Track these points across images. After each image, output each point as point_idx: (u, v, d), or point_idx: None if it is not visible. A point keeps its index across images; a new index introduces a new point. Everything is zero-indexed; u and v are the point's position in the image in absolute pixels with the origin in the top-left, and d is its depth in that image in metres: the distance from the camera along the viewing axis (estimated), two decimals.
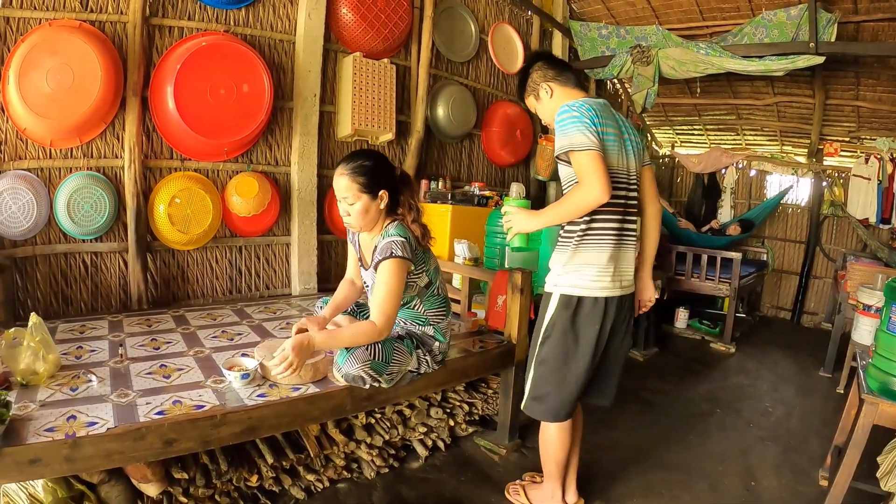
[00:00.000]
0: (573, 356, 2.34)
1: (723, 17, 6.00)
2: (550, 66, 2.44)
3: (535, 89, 2.46)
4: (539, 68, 2.45)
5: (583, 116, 2.13)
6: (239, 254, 4.07)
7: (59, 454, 1.80)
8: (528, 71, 2.49)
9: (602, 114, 2.20)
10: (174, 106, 3.35)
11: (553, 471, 2.59)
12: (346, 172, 2.36)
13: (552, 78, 2.42)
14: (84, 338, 2.87)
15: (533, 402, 2.46)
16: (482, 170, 5.78)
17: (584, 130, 2.10)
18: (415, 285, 2.51)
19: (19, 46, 3.07)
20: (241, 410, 2.12)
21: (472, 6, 5.41)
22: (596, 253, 2.27)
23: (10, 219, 3.12)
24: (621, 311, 2.38)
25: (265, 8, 3.98)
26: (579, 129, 2.11)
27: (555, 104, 2.34)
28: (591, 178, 2.06)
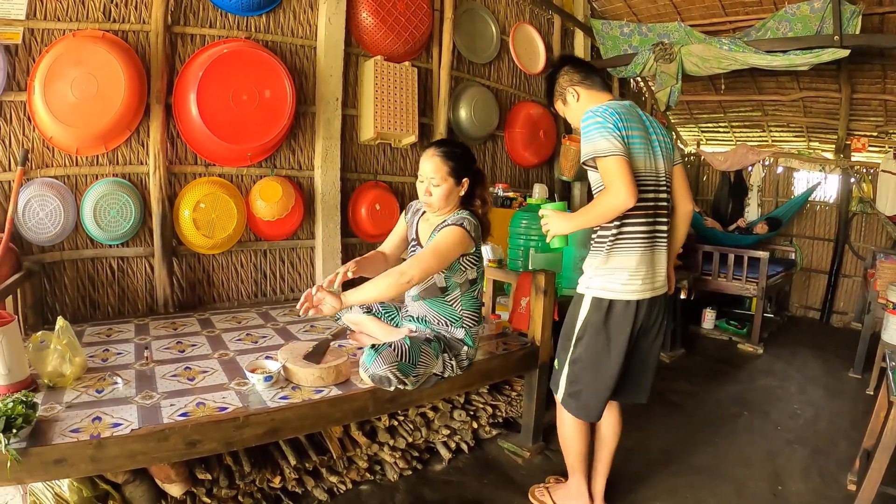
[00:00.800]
0: (605, 357, 2.35)
1: (745, 12, 5.92)
2: (576, 70, 2.45)
3: (562, 94, 2.49)
4: (565, 73, 2.47)
5: (606, 121, 2.15)
6: (263, 257, 4.09)
7: (85, 454, 1.83)
8: (554, 76, 2.51)
9: (626, 116, 2.22)
10: (197, 112, 3.39)
11: (575, 464, 2.59)
12: (438, 154, 2.53)
13: (578, 82, 2.44)
14: (111, 341, 2.92)
15: (569, 399, 2.47)
16: (506, 171, 5.75)
17: (608, 136, 2.12)
18: (464, 273, 2.59)
19: (44, 57, 3.14)
20: (264, 412, 2.13)
21: (493, 7, 5.40)
22: (627, 256, 2.28)
23: (38, 225, 3.18)
24: (653, 312, 2.39)
25: (286, 14, 4.01)
26: (603, 134, 2.13)
27: (582, 108, 2.35)
28: (617, 184, 2.08)
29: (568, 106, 2.49)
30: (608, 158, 2.11)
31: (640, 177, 2.22)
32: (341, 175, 4.27)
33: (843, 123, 6.93)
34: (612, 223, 2.26)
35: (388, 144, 4.65)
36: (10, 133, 3.19)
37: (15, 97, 3.17)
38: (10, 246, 2.98)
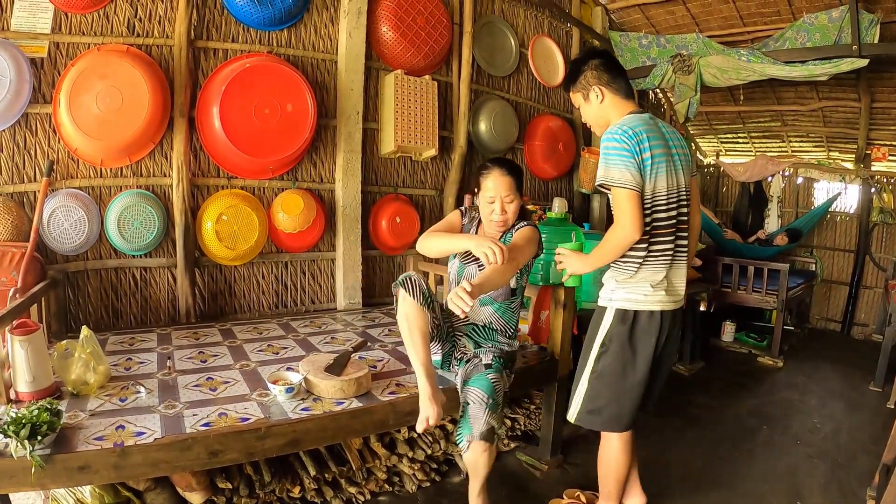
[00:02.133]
0: (631, 369, 2.33)
1: (763, 23, 5.91)
2: (607, 70, 2.36)
3: (585, 89, 2.40)
4: (595, 68, 2.36)
5: (625, 147, 2.15)
6: (285, 269, 4.12)
7: (108, 462, 1.87)
8: (582, 67, 2.40)
9: (649, 134, 2.21)
10: (220, 126, 3.44)
11: (613, 491, 2.54)
12: (508, 174, 2.60)
13: (606, 83, 2.35)
14: (133, 350, 2.96)
15: (589, 416, 2.43)
16: (525, 183, 5.73)
17: (624, 166, 2.14)
18: (526, 276, 2.71)
19: (69, 70, 3.21)
20: (285, 423, 2.15)
21: (512, 20, 5.41)
22: (652, 273, 2.30)
23: (63, 235, 3.25)
24: (675, 324, 2.41)
25: (307, 28, 4.06)
26: (620, 162, 2.15)
27: (602, 111, 2.38)
28: (625, 219, 2.14)
29: (588, 103, 2.42)
30: (621, 190, 2.15)
31: (664, 195, 2.24)
32: (362, 188, 4.29)
33: (862, 133, 6.89)
34: (640, 245, 2.25)
35: (409, 157, 4.67)
36: (36, 144, 3.26)
37: (41, 109, 3.24)
38: (35, 255, 3.05)
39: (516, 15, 5.48)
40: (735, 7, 5.87)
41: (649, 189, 2.22)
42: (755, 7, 5.79)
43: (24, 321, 2.31)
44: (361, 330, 3.56)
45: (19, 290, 2.82)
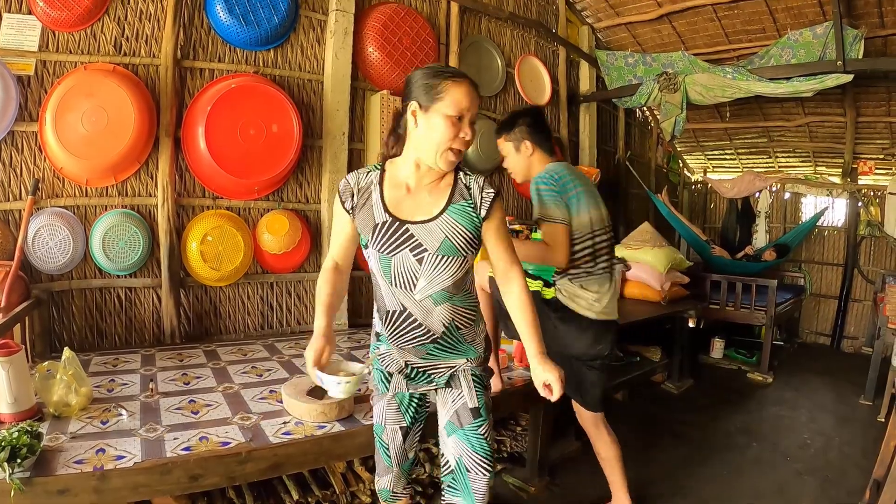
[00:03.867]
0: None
1: (749, 40, 5.98)
2: (539, 130, 2.74)
3: (518, 140, 2.73)
4: (530, 126, 2.72)
5: (554, 189, 2.56)
6: (270, 290, 4.09)
7: (88, 485, 1.85)
8: (520, 120, 2.74)
9: (574, 177, 2.66)
10: (206, 146, 3.44)
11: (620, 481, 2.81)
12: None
13: (537, 142, 2.73)
14: (117, 371, 2.93)
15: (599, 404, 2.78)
16: (512, 203, 5.74)
17: (554, 205, 2.54)
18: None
19: (56, 89, 3.21)
20: (267, 448, 2.14)
21: (498, 40, 5.44)
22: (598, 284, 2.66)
23: (48, 254, 3.23)
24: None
25: (293, 49, 4.07)
26: (551, 203, 2.54)
27: (528, 164, 2.75)
28: (559, 248, 2.55)
29: (518, 154, 2.75)
30: (555, 225, 2.54)
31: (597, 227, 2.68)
32: None
33: (849, 147, 6.97)
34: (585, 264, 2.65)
35: None
36: (22, 162, 3.25)
37: (27, 127, 3.23)
38: (19, 274, 3.02)
39: (503, 35, 5.52)
40: (720, 25, 5.93)
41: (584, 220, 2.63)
42: (740, 25, 5.85)
43: (5, 342, 2.28)
44: (346, 352, 3.54)
45: (2, 310, 2.78)
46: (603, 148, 6.90)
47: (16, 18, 3.23)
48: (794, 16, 5.47)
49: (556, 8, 6.07)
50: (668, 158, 8.37)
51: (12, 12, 3.22)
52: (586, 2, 6.28)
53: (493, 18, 5.37)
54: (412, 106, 1.76)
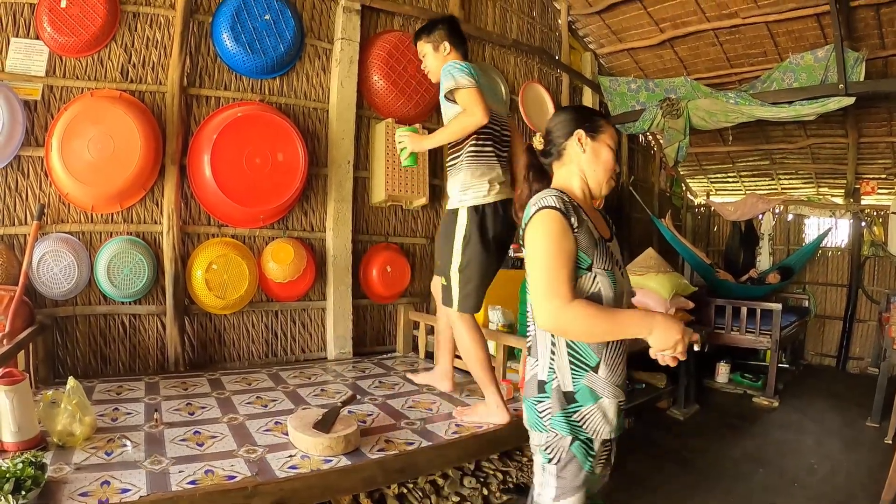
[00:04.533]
0: (488, 254, 2.83)
1: (750, 64, 6.02)
2: (457, 35, 3.01)
3: (439, 41, 2.98)
4: (449, 30, 2.99)
5: (467, 68, 2.77)
6: (275, 318, 4.09)
7: None
8: (441, 25, 3.00)
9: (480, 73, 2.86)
10: (211, 174, 3.46)
11: (487, 376, 2.88)
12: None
13: (455, 44, 2.99)
14: (121, 399, 2.93)
15: (465, 301, 2.83)
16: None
17: (468, 76, 2.73)
18: None
19: (62, 115, 3.25)
20: (273, 482, 2.11)
21: (502, 67, 5.48)
22: (488, 170, 2.87)
23: (52, 280, 3.24)
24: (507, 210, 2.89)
25: (299, 77, 4.11)
26: (464, 74, 2.73)
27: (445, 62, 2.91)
28: (474, 107, 2.69)
29: (437, 53, 2.99)
30: (468, 89, 2.71)
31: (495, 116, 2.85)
32: (353, 236, 4.30)
33: (851, 168, 6.98)
34: (462, 144, 2.85)
35: (400, 206, 4.68)
36: (27, 187, 3.28)
37: (33, 152, 3.27)
38: (24, 299, 3.03)
39: (507, 62, 5.55)
40: (722, 49, 5.97)
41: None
42: (742, 49, 5.89)
43: (9, 370, 2.28)
44: (352, 381, 3.53)
45: (7, 335, 2.79)
46: None
47: (23, 43, 3.27)
48: (795, 39, 5.50)
49: (559, 34, 6.12)
50: (671, 182, 8.38)
51: (20, 37, 3.27)
52: (589, 28, 6.34)
53: (497, 46, 5.42)
54: (578, 133, 1.77)
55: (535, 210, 1.61)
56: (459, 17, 4.87)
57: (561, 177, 1.80)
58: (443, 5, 4.92)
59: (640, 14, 5.84)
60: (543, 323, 1.55)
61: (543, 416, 1.63)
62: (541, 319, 1.55)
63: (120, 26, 3.51)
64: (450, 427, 2.77)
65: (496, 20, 5.44)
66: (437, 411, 3.03)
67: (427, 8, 4.81)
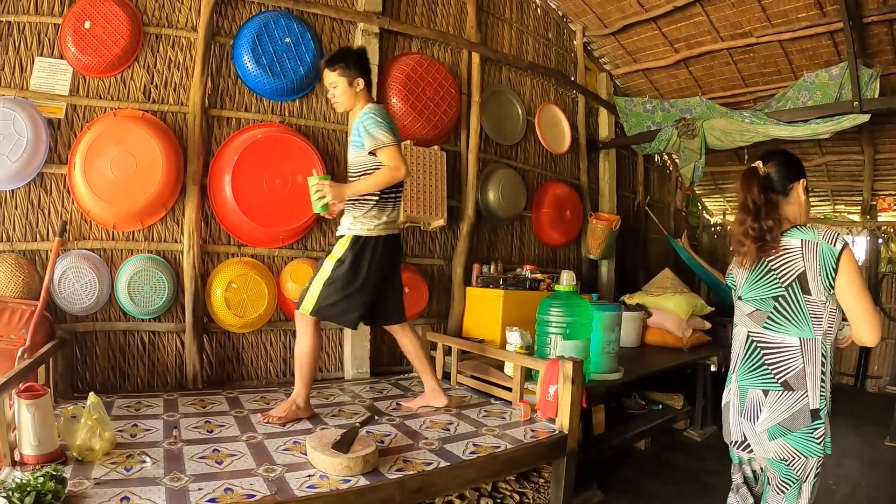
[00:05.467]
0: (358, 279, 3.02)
1: (765, 83, 6.03)
2: (367, 71, 3.15)
3: (353, 76, 3.05)
4: (362, 66, 3.10)
5: (385, 120, 2.99)
6: (293, 337, 4.00)
7: None
8: (355, 57, 3.09)
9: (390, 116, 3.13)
10: (232, 195, 3.52)
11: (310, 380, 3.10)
12: None
13: (367, 81, 3.13)
14: (139, 415, 2.94)
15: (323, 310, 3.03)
16: (533, 251, 5.75)
17: (389, 132, 2.96)
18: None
19: (85, 133, 3.32)
20: (292, 501, 2.11)
21: (519, 89, 5.52)
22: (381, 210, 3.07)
23: (73, 295, 3.29)
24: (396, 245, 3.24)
25: (318, 99, 4.16)
26: (383, 131, 2.94)
27: (356, 99, 3.10)
28: (400, 165, 2.95)
29: (350, 87, 3.06)
30: (391, 147, 2.95)
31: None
32: None
33: (867, 184, 6.95)
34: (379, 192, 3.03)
35: (418, 227, 4.68)
36: (50, 204, 3.34)
37: (56, 170, 3.33)
38: (44, 314, 3.07)
39: (523, 84, 5.59)
40: (736, 69, 5.99)
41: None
42: (756, 67, 5.92)
43: (31, 385, 2.31)
44: (369, 402, 3.53)
45: (28, 349, 2.83)
46: (622, 194, 6.93)
47: (48, 62, 3.35)
48: (808, 57, 5.52)
49: (575, 56, 6.17)
50: (687, 202, 8.37)
51: (45, 56, 3.35)
52: (604, 49, 6.40)
53: (513, 68, 5.47)
54: (804, 181, 2.10)
55: (843, 245, 1.88)
56: (476, 40, 4.97)
57: (792, 213, 2.07)
58: (459, 29, 4.99)
59: (654, 35, 5.90)
60: (876, 337, 1.89)
61: (821, 441, 1.93)
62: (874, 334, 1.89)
63: (143, 47, 3.58)
64: (467, 447, 2.76)
65: (512, 42, 5.50)
66: (454, 431, 3.02)
67: (445, 31, 4.87)
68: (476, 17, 5.00)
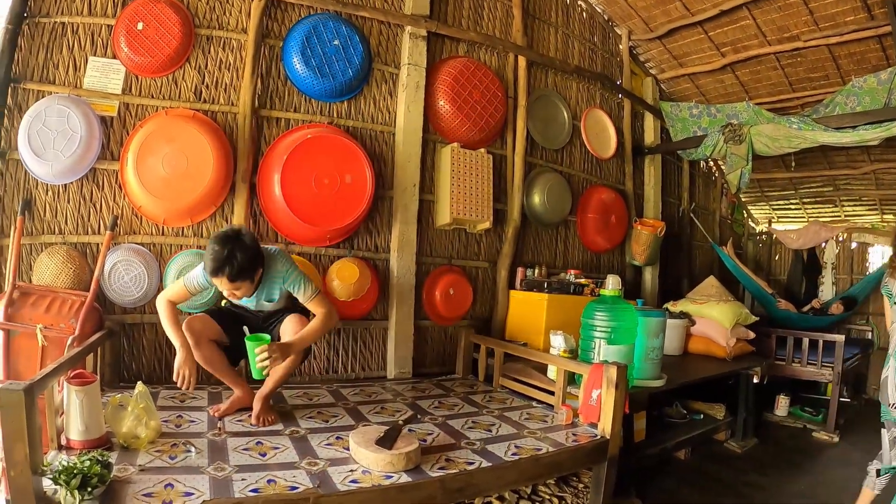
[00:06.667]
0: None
1: (812, 87, 5.93)
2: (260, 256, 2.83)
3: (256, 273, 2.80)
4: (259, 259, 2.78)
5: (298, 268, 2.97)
6: (337, 336, 4.13)
7: None
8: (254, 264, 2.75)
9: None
10: (280, 193, 3.56)
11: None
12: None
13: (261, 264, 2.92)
14: (184, 407, 3.02)
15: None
16: (577, 256, 5.71)
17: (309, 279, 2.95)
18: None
19: (138, 131, 3.41)
20: (334, 495, 2.14)
21: (564, 93, 5.50)
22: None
23: (123, 288, 3.39)
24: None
25: (366, 101, 4.20)
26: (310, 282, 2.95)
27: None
28: (335, 312, 3.00)
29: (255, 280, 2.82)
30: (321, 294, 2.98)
31: None
32: (416, 258, 4.32)
33: None
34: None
35: (464, 230, 4.69)
36: (102, 199, 3.44)
37: (108, 166, 3.44)
38: (94, 305, 3.17)
39: (569, 88, 5.57)
40: (784, 73, 5.90)
41: None
42: (803, 72, 5.82)
43: (80, 371, 2.39)
44: (411, 401, 3.55)
45: (77, 338, 2.92)
46: (667, 200, 6.85)
47: (101, 62, 3.46)
48: (857, 62, 5.41)
49: (621, 60, 6.12)
50: (732, 209, 8.24)
51: (98, 56, 3.46)
52: (650, 53, 6.34)
53: (559, 72, 5.44)
54: None
55: None
56: (522, 43, 4.98)
57: None
58: (506, 32, 4.99)
59: (700, 39, 5.82)
60: None
61: None
62: None
63: (194, 49, 3.67)
64: (509, 448, 2.76)
65: (558, 46, 5.49)
66: (496, 433, 3.02)
67: (491, 34, 4.88)
68: (522, 21, 5.00)
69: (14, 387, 1.84)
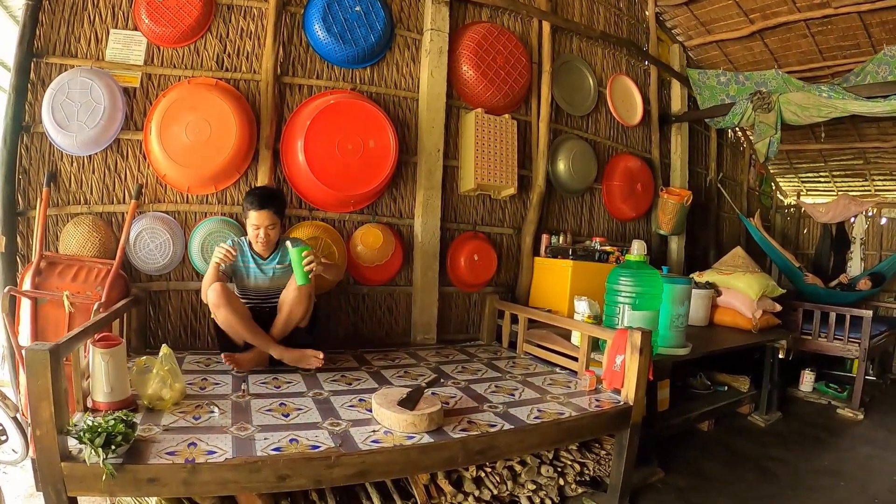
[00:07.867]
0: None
1: (843, 56, 5.79)
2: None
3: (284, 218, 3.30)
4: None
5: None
6: (362, 301, 4.17)
7: (178, 477, 1.93)
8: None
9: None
10: (304, 159, 3.57)
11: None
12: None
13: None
14: (209, 370, 3.07)
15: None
16: (603, 224, 5.66)
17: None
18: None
19: (161, 101, 3.43)
20: (355, 454, 2.17)
21: (590, 59, 5.41)
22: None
23: (148, 255, 3.44)
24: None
25: (389, 67, 4.18)
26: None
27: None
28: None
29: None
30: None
31: None
32: (441, 224, 4.31)
33: None
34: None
35: (488, 196, 4.68)
36: (126, 169, 3.49)
37: (132, 136, 3.47)
38: (120, 272, 3.22)
39: (594, 54, 5.48)
40: (814, 41, 5.76)
41: None
42: (834, 41, 5.67)
43: (106, 335, 2.42)
44: (435, 365, 3.57)
45: (103, 305, 2.96)
46: (694, 169, 6.74)
47: (123, 34, 3.48)
48: (889, 30, 5.27)
49: (647, 26, 5.99)
50: (760, 180, 8.10)
51: (119, 28, 3.48)
52: (677, 20, 6.19)
53: (584, 37, 5.36)
54: None
55: None
56: (546, 8, 4.90)
57: None
58: None
59: (728, 4, 5.69)
60: None
61: None
62: None
63: (215, 18, 3.67)
64: (532, 412, 2.76)
65: (583, 12, 5.38)
66: (518, 397, 3.03)
67: None
68: None
69: (40, 347, 1.87)
